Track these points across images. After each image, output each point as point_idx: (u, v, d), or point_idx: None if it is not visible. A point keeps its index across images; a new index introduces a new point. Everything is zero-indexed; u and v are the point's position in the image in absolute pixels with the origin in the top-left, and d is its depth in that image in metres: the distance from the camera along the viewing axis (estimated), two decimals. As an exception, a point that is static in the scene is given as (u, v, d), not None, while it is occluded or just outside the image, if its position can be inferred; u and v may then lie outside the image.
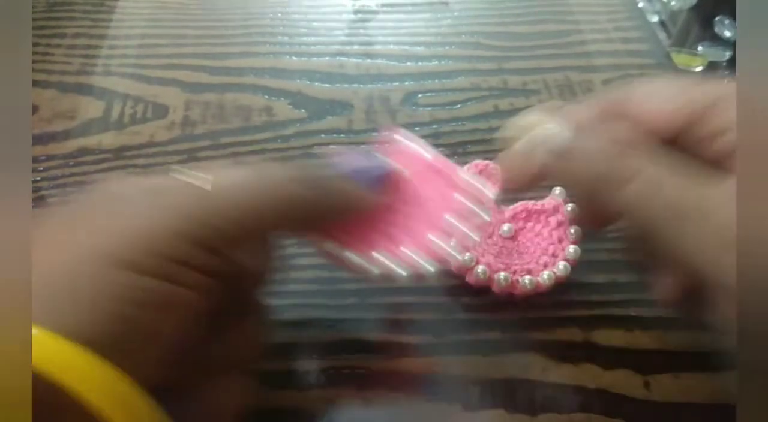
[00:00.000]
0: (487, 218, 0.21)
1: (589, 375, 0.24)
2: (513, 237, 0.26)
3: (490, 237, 0.26)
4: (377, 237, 0.21)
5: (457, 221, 0.21)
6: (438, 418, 0.23)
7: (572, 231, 0.26)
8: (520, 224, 0.27)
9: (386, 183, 0.21)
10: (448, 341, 0.25)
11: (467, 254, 0.25)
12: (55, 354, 0.13)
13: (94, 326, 0.14)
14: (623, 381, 0.23)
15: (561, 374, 0.24)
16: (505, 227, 0.26)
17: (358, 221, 0.20)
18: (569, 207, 0.26)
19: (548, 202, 0.26)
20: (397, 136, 0.22)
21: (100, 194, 0.17)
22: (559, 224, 0.26)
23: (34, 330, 0.13)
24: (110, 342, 0.14)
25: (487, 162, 0.27)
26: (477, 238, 0.21)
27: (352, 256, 0.20)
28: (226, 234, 0.17)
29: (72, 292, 0.14)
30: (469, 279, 0.25)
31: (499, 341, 0.25)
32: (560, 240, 0.26)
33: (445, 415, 0.23)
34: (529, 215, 0.27)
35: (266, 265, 0.21)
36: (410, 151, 0.22)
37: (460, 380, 0.23)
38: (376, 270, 0.20)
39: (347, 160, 0.20)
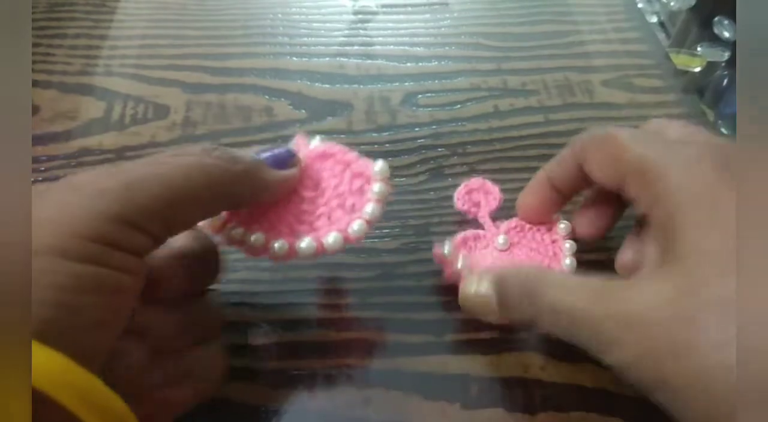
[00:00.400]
0: (378, 191, 0.22)
1: (588, 374, 0.24)
2: (508, 249, 0.26)
3: (485, 248, 0.26)
4: (282, 217, 0.22)
5: (354, 198, 0.22)
6: (437, 416, 0.23)
7: (567, 245, 0.26)
8: (515, 239, 0.26)
9: (290, 165, 0.22)
10: (448, 340, 0.25)
11: (461, 261, 0.25)
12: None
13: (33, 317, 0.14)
14: (622, 380, 0.23)
15: (560, 373, 0.24)
16: (501, 239, 0.26)
17: (266, 200, 0.22)
18: (562, 225, 0.26)
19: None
20: (298, 137, 0.24)
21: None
22: (553, 241, 0.26)
23: None
24: (49, 331, 0.14)
25: (483, 180, 0.28)
26: (376, 212, 0.22)
27: (258, 238, 0.21)
28: (147, 210, 0.17)
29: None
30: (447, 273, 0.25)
31: (499, 340, 0.25)
32: (555, 255, 0.26)
33: (444, 413, 0.23)
34: (523, 230, 0.26)
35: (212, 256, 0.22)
36: (306, 144, 0.24)
37: (459, 379, 0.24)
38: (279, 249, 0.21)
39: (255, 149, 0.22)
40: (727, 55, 0.37)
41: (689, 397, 0.16)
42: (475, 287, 0.22)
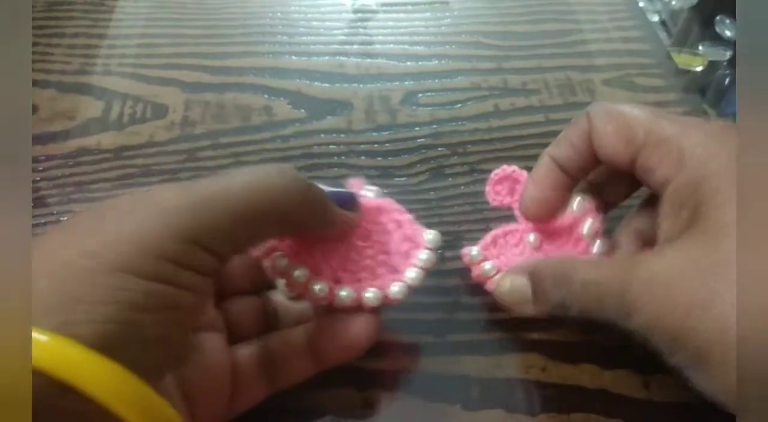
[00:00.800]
0: (425, 259, 0.22)
1: (589, 375, 0.24)
2: (539, 247, 0.25)
3: (516, 246, 0.25)
4: (327, 259, 0.22)
5: (399, 259, 0.22)
6: (438, 418, 0.23)
7: (597, 244, 0.24)
8: (545, 235, 0.25)
9: (352, 207, 0.21)
10: (449, 341, 0.25)
11: (488, 263, 0.24)
12: (70, 359, 0.13)
13: (93, 332, 0.14)
14: (623, 381, 0.23)
15: (561, 374, 0.24)
16: (531, 237, 0.25)
17: (326, 235, 0.21)
18: (588, 222, 0.24)
19: (569, 216, 0.25)
20: (352, 181, 0.23)
21: (98, 204, 0.17)
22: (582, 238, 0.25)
23: (45, 336, 0.13)
24: (113, 346, 0.14)
25: (513, 167, 0.26)
26: (419, 278, 0.22)
27: (300, 275, 0.21)
28: (215, 229, 0.16)
29: (68, 297, 0.14)
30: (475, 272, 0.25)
31: (500, 341, 0.25)
32: (587, 246, 0.24)
33: (445, 415, 0.23)
34: (553, 226, 0.25)
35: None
36: (360, 188, 0.23)
37: (460, 380, 0.23)
38: (319, 292, 0.21)
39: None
40: (728, 54, 0.37)
41: (707, 356, 0.17)
42: (510, 281, 0.23)
